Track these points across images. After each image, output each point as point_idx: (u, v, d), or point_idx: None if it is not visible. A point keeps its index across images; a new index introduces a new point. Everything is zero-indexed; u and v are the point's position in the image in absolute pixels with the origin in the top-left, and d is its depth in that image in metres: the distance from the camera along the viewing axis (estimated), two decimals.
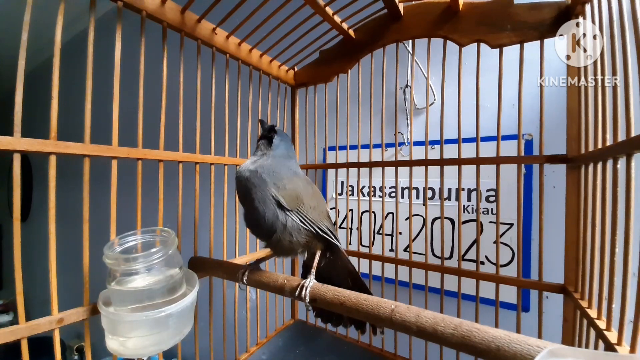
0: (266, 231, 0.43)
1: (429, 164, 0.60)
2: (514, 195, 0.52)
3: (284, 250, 0.46)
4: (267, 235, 0.44)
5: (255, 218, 0.43)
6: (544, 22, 0.47)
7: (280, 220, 0.42)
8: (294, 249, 0.45)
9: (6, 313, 2.69)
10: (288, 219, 0.42)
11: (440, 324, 0.31)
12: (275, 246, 0.45)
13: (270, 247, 0.47)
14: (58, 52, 0.38)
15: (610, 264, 0.33)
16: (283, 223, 0.42)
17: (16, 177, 0.36)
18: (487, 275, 0.54)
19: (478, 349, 0.28)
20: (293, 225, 0.43)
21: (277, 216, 0.42)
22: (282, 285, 0.44)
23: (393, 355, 0.65)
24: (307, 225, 0.44)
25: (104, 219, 0.44)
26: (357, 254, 0.71)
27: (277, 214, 0.42)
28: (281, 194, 0.42)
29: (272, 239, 0.44)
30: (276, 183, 0.43)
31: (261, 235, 0.47)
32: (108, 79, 0.44)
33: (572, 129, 0.47)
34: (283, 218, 0.42)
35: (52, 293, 0.39)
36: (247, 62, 0.67)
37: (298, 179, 0.47)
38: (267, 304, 0.75)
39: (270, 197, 0.42)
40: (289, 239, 0.43)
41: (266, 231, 0.43)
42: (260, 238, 0.46)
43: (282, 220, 0.42)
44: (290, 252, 0.46)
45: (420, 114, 0.82)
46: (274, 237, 0.43)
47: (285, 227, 0.42)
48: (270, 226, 0.42)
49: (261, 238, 0.47)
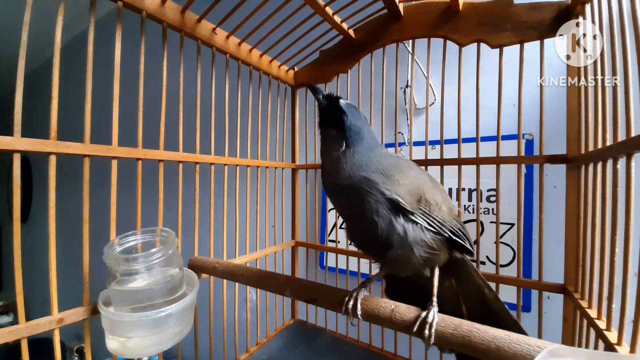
0: (378, 248, 0.34)
1: (429, 164, 0.60)
2: (514, 195, 0.52)
3: (402, 268, 0.35)
4: (380, 251, 0.34)
5: (364, 232, 0.34)
6: (544, 22, 0.47)
7: (397, 231, 0.32)
8: (415, 264, 0.34)
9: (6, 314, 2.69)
10: (409, 226, 0.32)
11: (440, 324, 0.30)
12: (391, 264, 0.35)
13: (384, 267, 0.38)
14: (58, 52, 0.38)
15: (610, 264, 0.33)
16: (401, 233, 0.32)
17: (16, 177, 0.35)
18: (487, 275, 0.54)
19: (478, 349, 0.28)
20: (416, 233, 0.33)
21: (392, 225, 0.32)
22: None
23: (393, 355, 0.65)
24: (436, 229, 0.33)
25: (104, 219, 0.44)
26: (357, 254, 0.71)
27: (393, 222, 0.32)
28: (399, 193, 0.32)
29: (388, 257, 0.33)
30: (386, 180, 0.32)
31: (373, 253, 0.37)
32: (108, 79, 0.44)
33: (572, 129, 0.47)
34: (401, 227, 0.32)
35: (52, 293, 0.39)
36: (247, 62, 0.67)
37: (409, 168, 0.36)
38: (267, 304, 0.75)
39: (382, 200, 0.32)
40: (409, 253, 0.33)
41: (378, 248, 0.34)
42: (371, 256, 0.38)
43: (400, 229, 0.32)
44: (410, 269, 0.35)
45: (420, 114, 0.82)
46: (390, 254, 0.33)
47: (404, 239, 0.32)
48: (386, 240, 0.32)
49: (373, 257, 0.38)
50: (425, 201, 0.33)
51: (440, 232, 0.34)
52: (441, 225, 0.34)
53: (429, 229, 0.33)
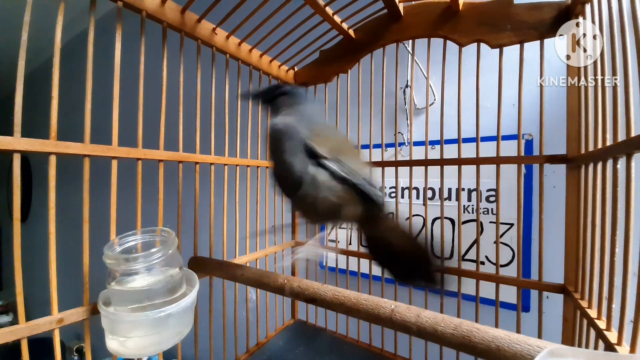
0: (291, 185, 0.38)
1: (429, 164, 0.60)
2: (514, 195, 0.52)
3: (312, 210, 0.40)
4: (292, 190, 0.39)
5: (282, 171, 0.39)
6: (544, 22, 0.47)
7: (309, 171, 0.37)
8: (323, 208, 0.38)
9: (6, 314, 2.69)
10: (319, 170, 0.37)
11: (440, 324, 0.30)
12: (302, 206, 0.41)
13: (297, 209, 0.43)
14: (58, 52, 0.38)
15: (610, 264, 0.33)
16: (312, 173, 0.37)
17: (16, 177, 0.35)
18: (487, 275, 0.54)
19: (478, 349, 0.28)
20: (324, 177, 0.37)
21: (305, 167, 0.37)
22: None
23: (393, 355, 0.65)
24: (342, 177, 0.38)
25: (104, 219, 0.44)
26: (357, 253, 0.71)
27: (307, 164, 0.37)
28: (315, 141, 0.37)
29: (297, 195, 0.38)
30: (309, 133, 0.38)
31: (286, 191, 0.42)
32: (108, 79, 0.44)
33: (572, 129, 0.47)
34: (313, 168, 0.37)
35: (52, 293, 0.39)
36: (247, 62, 0.67)
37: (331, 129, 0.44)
38: (267, 304, 0.75)
39: (300, 147, 0.38)
40: (316, 193, 0.37)
41: (291, 185, 0.38)
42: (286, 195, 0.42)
43: (312, 170, 0.37)
44: (320, 214, 0.40)
45: (420, 114, 0.82)
46: (300, 192, 0.38)
47: (314, 180, 0.37)
48: (298, 179, 0.37)
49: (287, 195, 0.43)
50: (337, 151, 0.39)
51: (346, 181, 0.38)
52: (347, 175, 0.38)
53: (336, 177, 0.38)
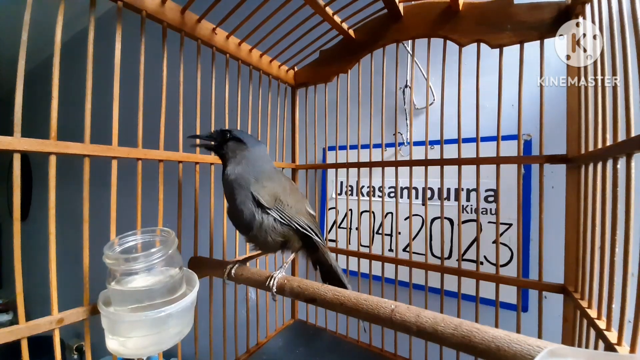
0: (243, 227, 0.47)
1: (428, 164, 0.60)
2: (514, 196, 0.52)
3: (262, 246, 0.49)
4: (246, 231, 0.47)
5: (236, 216, 0.47)
6: (544, 22, 0.47)
7: (257, 219, 0.45)
8: (271, 245, 0.48)
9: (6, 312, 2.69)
10: (264, 217, 0.45)
11: (440, 324, 0.31)
12: (255, 242, 0.49)
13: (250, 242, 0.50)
14: (58, 52, 0.38)
15: (610, 264, 0.33)
16: (260, 221, 0.45)
17: (16, 177, 0.35)
18: (487, 275, 0.54)
19: (478, 349, 0.28)
20: (269, 223, 0.45)
21: (254, 215, 0.45)
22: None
23: (393, 355, 0.65)
24: (285, 221, 0.46)
25: (104, 219, 0.44)
26: (357, 253, 0.71)
27: (254, 213, 0.45)
28: (260, 194, 0.45)
29: (249, 236, 0.47)
30: (255, 183, 0.46)
31: (240, 230, 0.50)
32: (108, 79, 0.44)
33: (572, 129, 0.47)
34: (260, 217, 0.45)
35: (52, 293, 0.39)
36: (247, 62, 0.67)
37: (278, 177, 0.50)
38: (267, 304, 0.75)
39: (250, 196, 0.45)
40: (264, 236, 0.46)
41: (243, 227, 0.47)
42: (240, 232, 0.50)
43: (259, 218, 0.45)
44: (269, 248, 0.49)
45: (420, 114, 0.82)
46: (251, 234, 0.46)
47: (261, 225, 0.45)
48: (248, 224, 0.45)
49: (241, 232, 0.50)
50: (279, 201, 0.46)
51: (289, 225, 0.46)
52: (290, 220, 0.46)
53: (280, 221, 0.46)
